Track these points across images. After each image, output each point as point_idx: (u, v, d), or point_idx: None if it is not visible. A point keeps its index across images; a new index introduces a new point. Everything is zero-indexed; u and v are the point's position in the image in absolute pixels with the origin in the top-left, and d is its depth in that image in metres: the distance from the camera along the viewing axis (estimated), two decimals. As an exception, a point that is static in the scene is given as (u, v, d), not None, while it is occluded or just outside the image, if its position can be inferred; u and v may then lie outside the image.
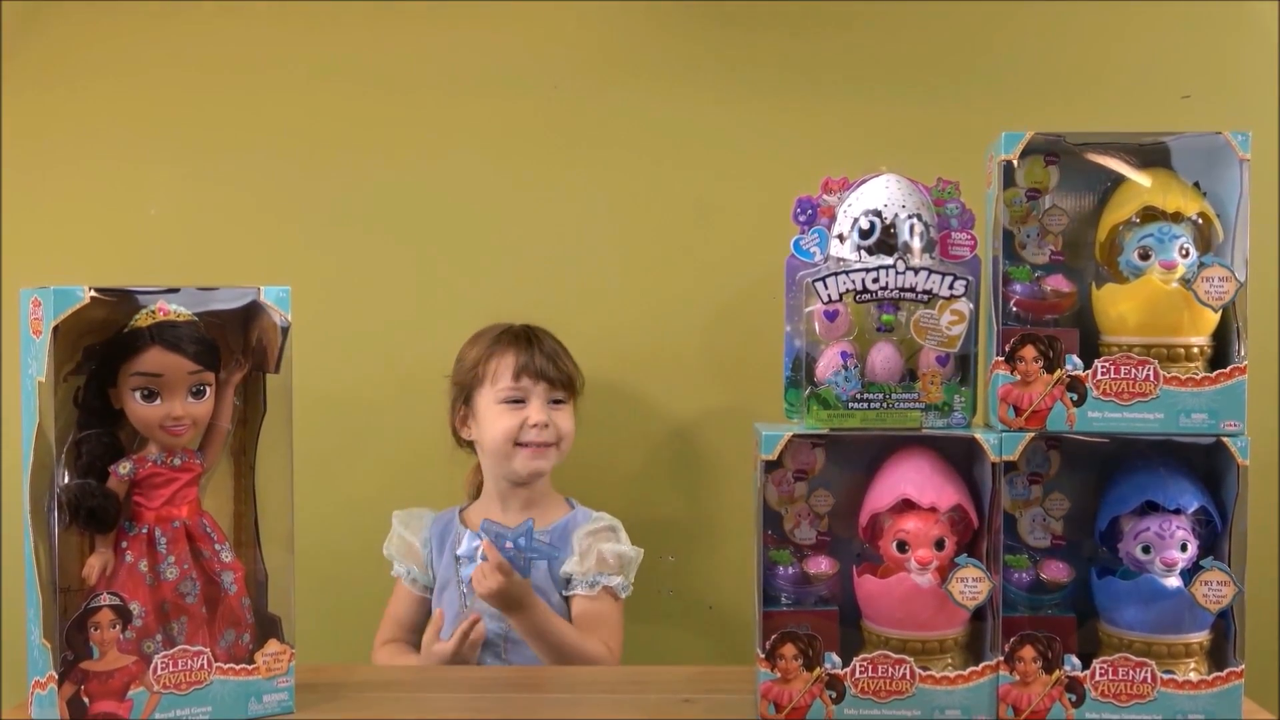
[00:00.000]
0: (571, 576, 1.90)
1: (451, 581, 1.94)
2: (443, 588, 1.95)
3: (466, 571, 1.89)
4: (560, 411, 1.94)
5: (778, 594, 1.57)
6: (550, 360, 1.93)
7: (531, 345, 1.94)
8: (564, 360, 1.95)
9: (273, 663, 1.50)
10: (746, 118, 2.16)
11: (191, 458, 1.50)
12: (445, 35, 2.18)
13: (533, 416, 1.91)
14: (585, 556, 1.90)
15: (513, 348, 1.94)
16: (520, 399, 1.92)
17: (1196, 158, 1.54)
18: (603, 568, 1.90)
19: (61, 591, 1.41)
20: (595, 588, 1.90)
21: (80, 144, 2.19)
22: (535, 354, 1.93)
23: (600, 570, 1.90)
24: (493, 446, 1.93)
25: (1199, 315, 1.48)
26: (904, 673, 1.47)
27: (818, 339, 1.51)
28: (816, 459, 1.59)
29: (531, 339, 1.96)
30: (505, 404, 1.92)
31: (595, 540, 1.92)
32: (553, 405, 1.93)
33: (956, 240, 1.52)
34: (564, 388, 1.94)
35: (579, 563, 1.90)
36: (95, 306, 1.39)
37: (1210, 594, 1.45)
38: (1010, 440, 1.47)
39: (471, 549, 1.88)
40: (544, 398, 1.92)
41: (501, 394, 1.92)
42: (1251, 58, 2.12)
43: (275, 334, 1.50)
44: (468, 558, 1.89)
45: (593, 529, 1.93)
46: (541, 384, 1.92)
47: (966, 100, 2.13)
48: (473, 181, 2.18)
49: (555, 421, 1.92)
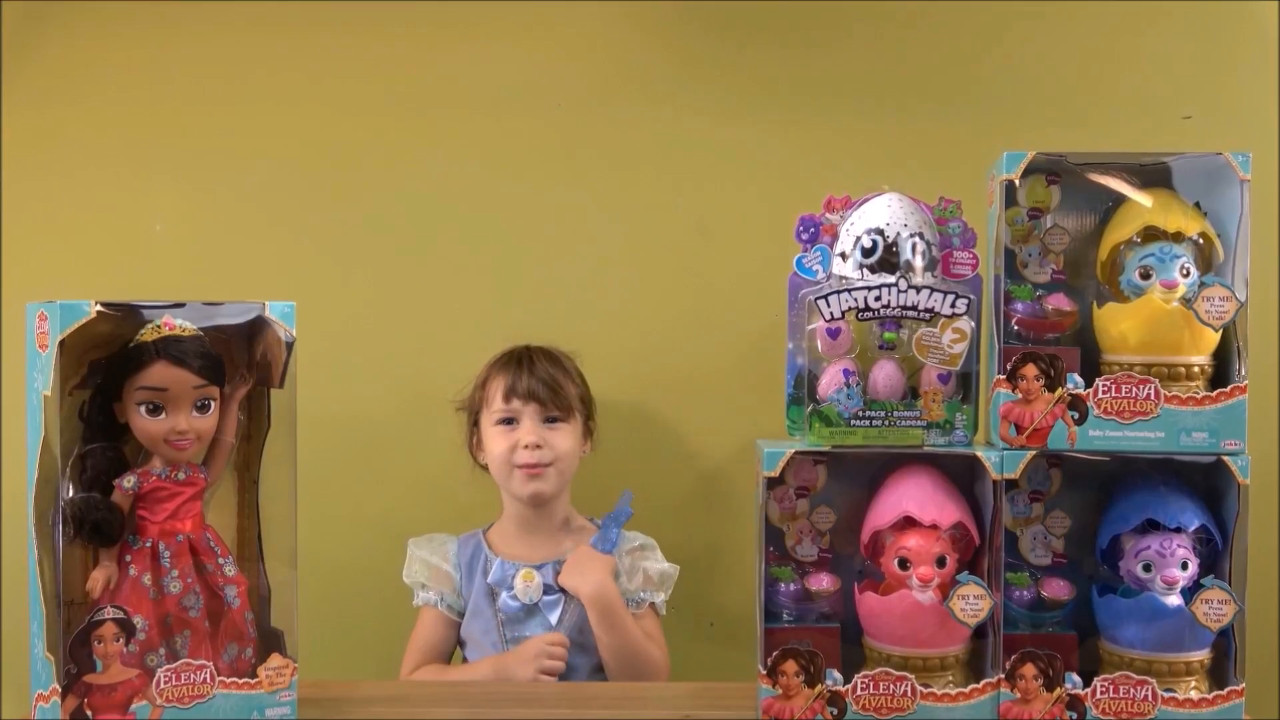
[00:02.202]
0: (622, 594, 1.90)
1: (484, 610, 1.91)
2: (474, 615, 1.92)
3: (504, 602, 1.89)
4: (556, 431, 1.92)
5: (779, 610, 1.58)
6: (542, 381, 1.92)
7: (522, 366, 1.93)
8: (561, 380, 1.93)
9: (275, 677, 1.50)
10: (750, 136, 2.17)
11: (195, 472, 1.50)
12: (451, 53, 2.19)
13: (524, 437, 1.90)
14: (631, 575, 1.91)
15: (506, 370, 1.94)
16: (512, 419, 1.92)
17: (1197, 178, 1.55)
18: (648, 585, 1.91)
19: (65, 605, 1.41)
20: (641, 605, 1.91)
21: (85, 158, 2.19)
22: (524, 375, 1.92)
23: (645, 587, 1.91)
24: (494, 469, 1.94)
25: (1200, 334, 1.49)
26: (905, 690, 1.47)
27: (820, 356, 1.51)
28: (818, 476, 1.59)
29: (524, 360, 1.95)
30: (500, 425, 1.93)
31: (636, 559, 1.93)
32: (547, 425, 1.92)
33: (958, 259, 1.53)
34: (558, 407, 1.92)
35: (626, 580, 1.91)
36: (101, 321, 1.40)
37: (1211, 612, 1.46)
38: (1011, 458, 1.48)
39: (506, 577, 1.89)
40: (536, 418, 1.91)
41: (495, 415, 1.93)
42: (1252, 78, 2.13)
43: (280, 349, 1.51)
44: (503, 586, 1.89)
45: (631, 548, 1.94)
46: (532, 404, 1.91)
47: (969, 120, 2.14)
48: (477, 198, 2.19)
49: (550, 442, 1.91)
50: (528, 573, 1.89)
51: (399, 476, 2.18)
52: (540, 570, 1.90)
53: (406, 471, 2.18)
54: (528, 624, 1.89)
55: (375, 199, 2.19)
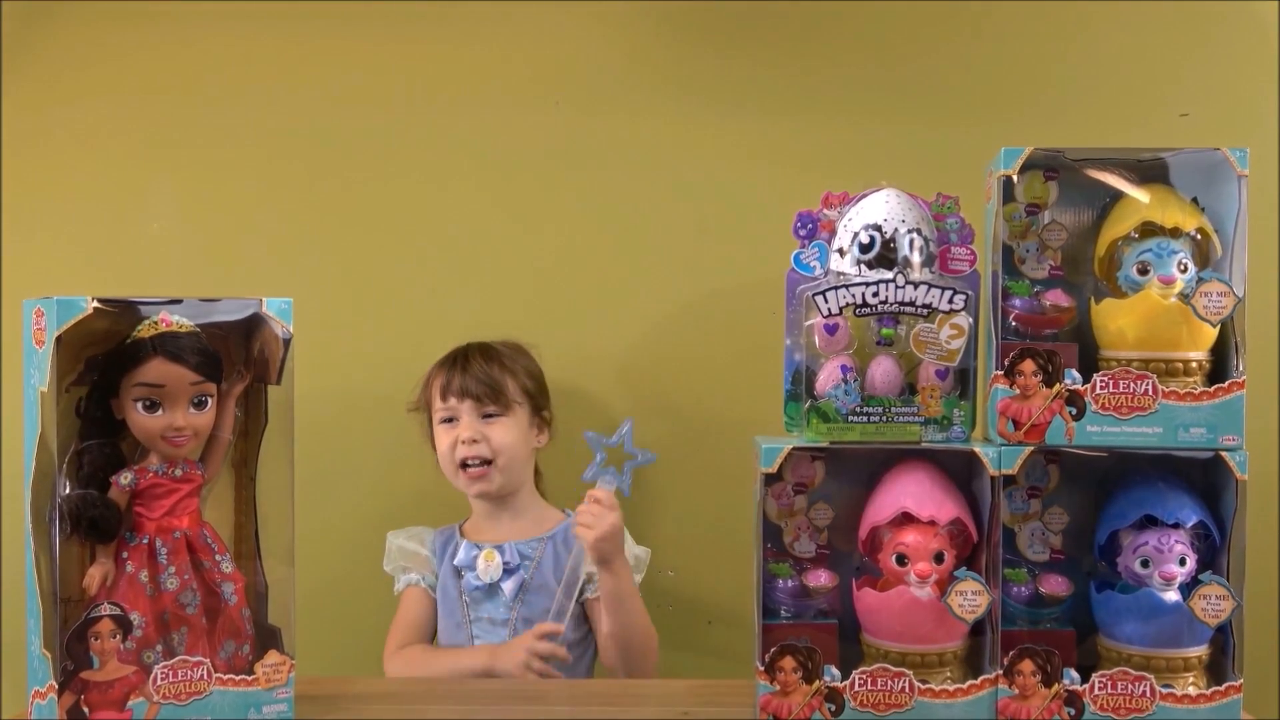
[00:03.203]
0: (590, 577, 1.90)
1: (450, 590, 1.95)
2: (442, 596, 1.96)
3: (467, 581, 1.92)
4: (494, 425, 1.93)
5: (777, 607, 1.58)
6: (477, 378, 1.94)
7: (457, 365, 1.96)
8: (497, 375, 1.94)
9: (272, 674, 1.50)
10: (748, 132, 2.17)
11: (193, 468, 1.50)
12: (448, 51, 2.18)
13: (462, 433, 1.93)
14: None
15: (443, 369, 1.97)
16: (452, 417, 1.95)
17: (1195, 173, 1.55)
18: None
19: (62, 601, 1.41)
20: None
21: (82, 154, 2.19)
22: (458, 374, 1.94)
23: None
24: (442, 467, 1.97)
25: (1197, 330, 1.48)
26: (903, 685, 1.47)
27: (818, 352, 1.51)
28: (816, 472, 1.59)
29: (458, 359, 1.97)
30: (443, 424, 1.96)
31: None
32: (485, 420, 1.94)
33: (956, 255, 1.53)
34: (495, 402, 1.93)
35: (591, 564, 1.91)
36: (98, 317, 1.39)
37: (1209, 608, 1.46)
38: (1009, 454, 1.48)
39: (469, 558, 1.92)
40: (473, 413, 1.94)
41: (438, 415, 1.97)
42: (1250, 75, 2.13)
43: (277, 346, 1.51)
44: (466, 567, 1.93)
45: None
46: (468, 401, 1.94)
47: (966, 116, 2.14)
48: (475, 196, 2.19)
49: (487, 436, 1.92)
50: (489, 553, 1.93)
51: (396, 474, 2.18)
52: (500, 550, 1.93)
53: (404, 469, 2.17)
54: (484, 605, 1.93)
55: (372, 196, 2.19)
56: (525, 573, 1.93)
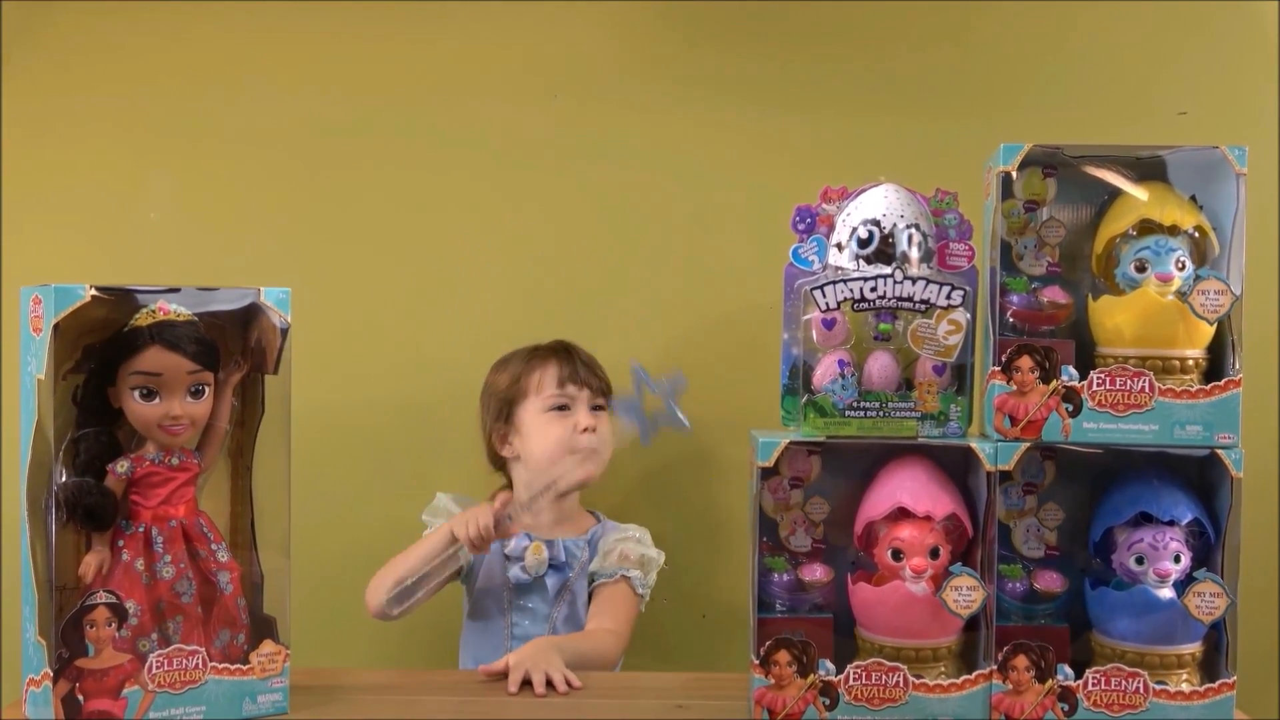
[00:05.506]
0: (596, 573, 1.94)
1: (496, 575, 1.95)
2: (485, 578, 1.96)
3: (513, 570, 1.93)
4: (600, 417, 1.97)
5: (772, 601, 1.57)
6: (591, 369, 1.99)
7: (571, 354, 2.00)
8: (600, 369, 2.01)
9: (267, 663, 1.51)
10: (746, 126, 2.16)
11: (189, 457, 1.50)
12: (445, 43, 2.18)
13: (581, 421, 1.95)
14: (608, 555, 1.95)
15: (553, 358, 1.99)
16: (566, 405, 1.96)
17: (1193, 171, 1.55)
18: (623, 562, 1.94)
19: (58, 589, 1.41)
20: (614, 576, 1.93)
21: (81, 144, 2.19)
22: (576, 363, 1.98)
23: (621, 564, 1.94)
24: (544, 455, 1.95)
25: (1194, 328, 1.49)
26: (897, 680, 1.47)
27: (815, 347, 1.51)
28: (812, 467, 1.59)
29: (569, 349, 2.01)
30: (553, 412, 1.96)
31: (620, 543, 1.96)
32: (594, 412, 1.97)
33: (954, 250, 1.53)
34: (603, 395, 1.99)
35: (602, 560, 1.95)
36: (95, 305, 1.40)
37: (1203, 605, 1.46)
38: (1005, 450, 1.48)
39: (520, 547, 1.93)
40: (588, 404, 1.97)
41: (548, 402, 1.96)
42: (1249, 73, 2.13)
43: (275, 335, 1.51)
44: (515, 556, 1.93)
45: (620, 536, 1.98)
46: (585, 390, 1.97)
47: (966, 112, 2.13)
48: (471, 188, 2.19)
49: (598, 427, 1.96)
50: (537, 545, 1.94)
51: (393, 464, 2.18)
52: (550, 545, 1.94)
53: (400, 458, 2.17)
54: (528, 595, 1.94)
55: (370, 186, 2.19)
56: (571, 571, 1.95)
